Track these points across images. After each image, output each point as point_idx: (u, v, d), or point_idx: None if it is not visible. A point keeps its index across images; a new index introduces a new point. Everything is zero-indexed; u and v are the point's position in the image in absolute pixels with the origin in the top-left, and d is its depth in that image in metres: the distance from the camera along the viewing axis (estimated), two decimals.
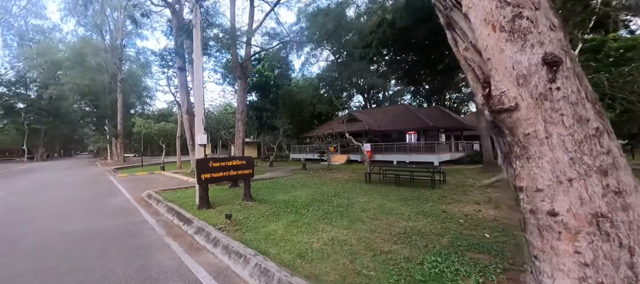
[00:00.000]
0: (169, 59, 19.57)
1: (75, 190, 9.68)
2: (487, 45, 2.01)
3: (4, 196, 8.87)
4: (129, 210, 6.32)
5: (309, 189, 8.57)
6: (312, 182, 10.20)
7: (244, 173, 6.68)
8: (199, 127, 6.41)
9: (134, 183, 11.41)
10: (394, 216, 5.24)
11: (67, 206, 6.87)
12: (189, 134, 14.71)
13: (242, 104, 15.47)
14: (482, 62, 2.13)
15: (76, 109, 43.67)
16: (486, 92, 2.17)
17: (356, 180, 10.89)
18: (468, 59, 2.20)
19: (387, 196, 7.27)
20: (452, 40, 2.37)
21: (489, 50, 2.00)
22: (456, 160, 19.24)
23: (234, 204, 6.43)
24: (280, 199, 6.98)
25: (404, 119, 23.28)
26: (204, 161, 5.97)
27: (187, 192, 8.15)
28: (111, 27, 31.00)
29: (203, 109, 6.51)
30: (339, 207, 5.99)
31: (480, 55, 2.12)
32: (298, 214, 5.40)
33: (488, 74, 2.08)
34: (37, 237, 4.34)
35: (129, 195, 8.44)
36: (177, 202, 6.64)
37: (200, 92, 6.47)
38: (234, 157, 6.55)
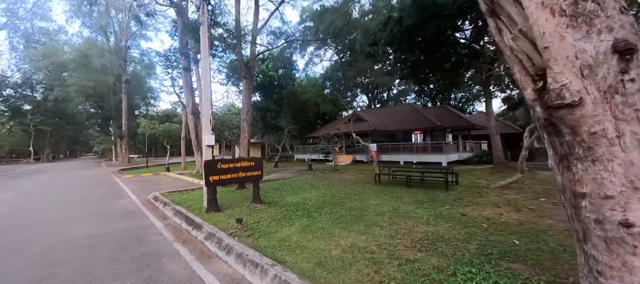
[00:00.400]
0: (173, 59, 19.47)
1: (81, 192, 9.55)
2: (543, 32, 1.76)
3: (11, 197, 8.77)
4: (135, 213, 6.15)
5: (318, 191, 8.34)
6: (320, 184, 9.97)
7: (252, 175, 6.47)
8: (207, 128, 6.22)
9: (140, 185, 11.27)
10: (411, 220, 4.98)
11: (73, 209, 6.71)
12: (194, 134, 14.58)
13: (248, 104, 15.28)
14: (533, 52, 1.88)
15: (81, 111, 43.96)
16: (539, 85, 1.91)
17: (365, 181, 10.64)
18: (515, 49, 1.96)
19: (401, 198, 7.01)
20: (496, 29, 2.12)
21: (546, 37, 1.74)
22: (464, 160, 18.89)
23: (242, 207, 6.22)
24: (290, 202, 6.76)
25: (410, 118, 22.97)
26: (212, 163, 5.77)
27: (193, 195, 7.96)
28: (116, 28, 31.09)
29: (211, 108, 6.31)
30: (352, 211, 5.75)
31: (532, 44, 1.87)
32: (311, 218, 5.17)
33: (542, 65, 1.83)
34: (41, 244, 4.16)
35: (135, 197, 8.28)
36: (185, 204, 6.45)
37: (208, 91, 6.27)
38: (243, 159, 6.34)
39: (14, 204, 7.60)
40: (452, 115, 22.17)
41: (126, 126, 29.07)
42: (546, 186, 8.48)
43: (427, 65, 17.41)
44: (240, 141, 15.18)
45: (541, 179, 10.07)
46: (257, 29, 15.32)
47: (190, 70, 14.88)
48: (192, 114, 14.63)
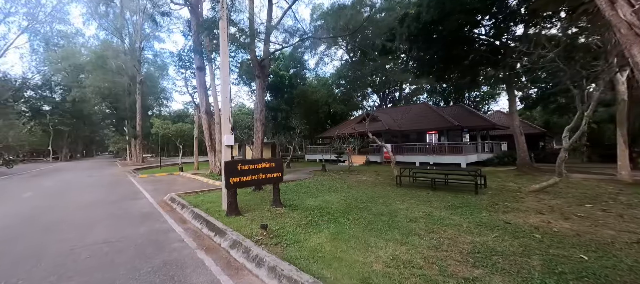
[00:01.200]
0: (186, 59, 19.52)
1: (98, 192, 9.49)
2: None
3: (30, 196, 8.77)
4: (152, 216, 5.92)
5: (339, 194, 7.95)
6: (338, 186, 9.57)
7: (273, 177, 6.14)
8: (226, 127, 5.93)
9: (155, 185, 11.17)
10: (450, 228, 4.53)
11: (91, 211, 6.56)
12: (207, 134, 14.46)
13: (261, 103, 15.05)
14: None
15: (97, 111, 45.12)
16: None
17: (384, 183, 10.18)
18: (635, 25, 1.51)
19: (429, 203, 6.54)
20: (607, 3, 1.68)
21: None
22: (484, 161, 18.10)
23: (262, 210, 5.90)
24: (312, 205, 6.40)
25: (425, 118, 22.28)
26: (232, 164, 5.47)
27: (210, 196, 7.72)
28: (130, 30, 31.62)
29: (230, 106, 6.03)
30: (382, 216, 5.33)
31: None
32: (338, 224, 4.79)
33: None
34: (59, 250, 3.94)
35: (151, 198, 8.11)
36: (203, 207, 6.19)
37: (227, 88, 5.98)
38: (263, 160, 6.03)
39: (32, 204, 7.55)
40: (470, 114, 21.35)
41: (140, 126, 29.49)
42: (585, 190, 7.81)
43: (445, 62, 16.76)
44: (254, 141, 14.96)
45: (576, 183, 9.35)
46: (270, 27, 15.08)
47: (204, 69, 14.77)
48: (206, 113, 14.51)
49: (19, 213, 6.43)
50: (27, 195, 9.02)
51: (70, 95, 37.09)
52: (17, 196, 9.01)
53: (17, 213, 6.51)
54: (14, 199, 8.51)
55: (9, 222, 5.63)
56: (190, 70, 20.05)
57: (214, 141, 14.37)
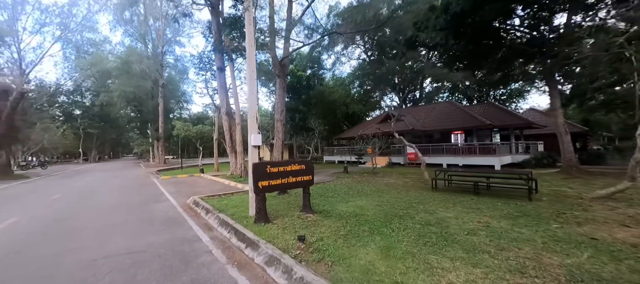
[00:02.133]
0: (206, 61, 19.62)
1: (122, 194, 9.41)
2: None
3: (58, 198, 8.83)
4: (176, 221, 5.55)
5: (371, 199, 7.28)
6: (366, 189, 8.90)
7: (303, 180, 5.60)
8: (253, 126, 5.46)
9: (177, 187, 11.03)
10: (522, 243, 3.75)
11: (114, 214, 6.34)
12: (228, 136, 14.26)
13: (282, 103, 14.67)
14: None
15: (123, 115, 47.13)
16: None
17: (416, 187, 9.37)
18: None
19: (479, 210, 5.73)
20: None
21: None
22: (520, 163, 16.67)
23: (292, 216, 5.37)
24: (345, 212, 5.79)
25: (450, 117, 21.03)
26: (261, 166, 4.98)
27: (234, 200, 7.32)
28: (153, 36, 32.64)
29: (256, 103, 5.56)
30: (430, 226, 4.63)
31: None
32: (383, 236, 4.14)
33: None
34: (80, 261, 3.60)
35: (174, 201, 7.84)
36: (228, 212, 5.76)
37: (254, 84, 5.52)
38: (293, 161, 5.50)
39: (60, 207, 7.50)
40: (501, 112, 19.86)
41: (162, 128, 30.24)
42: None
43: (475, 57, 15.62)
44: (274, 142, 14.59)
45: None
46: (290, 25, 14.70)
47: (224, 69, 14.60)
48: (226, 114, 14.32)
49: (46, 217, 6.32)
50: (56, 196, 9.08)
51: (99, 99, 38.89)
52: (47, 197, 9.10)
53: (45, 216, 6.41)
54: (44, 200, 8.56)
55: (35, 227, 5.47)
56: (210, 71, 20.14)
57: (235, 142, 14.14)
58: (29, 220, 5.93)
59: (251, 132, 5.47)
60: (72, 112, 47.31)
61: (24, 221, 5.85)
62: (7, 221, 5.84)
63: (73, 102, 47.04)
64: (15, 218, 6.20)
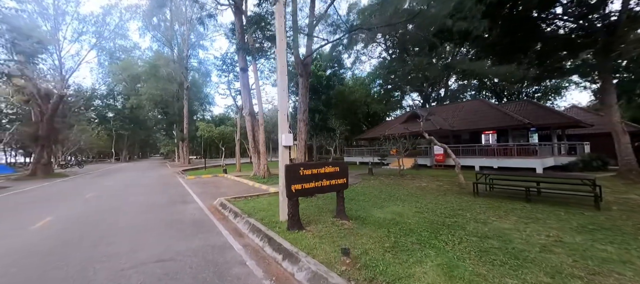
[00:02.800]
0: (229, 62, 19.84)
1: (151, 194, 9.50)
2: None
3: (91, 197, 9.07)
4: (204, 225, 5.32)
5: (407, 204, 6.68)
6: (399, 193, 8.27)
7: (337, 183, 5.15)
8: (284, 125, 5.10)
9: (203, 187, 11.03)
10: (620, 267, 3.04)
11: (143, 215, 6.27)
12: (251, 136, 14.18)
13: (304, 103, 14.34)
14: None
15: (151, 117, 49.53)
16: None
17: (454, 191, 8.60)
18: None
19: (541, 221, 4.96)
20: None
21: None
22: (565, 166, 15.12)
23: (325, 223, 4.93)
24: (382, 218, 5.27)
25: (481, 116, 19.68)
26: (293, 168, 4.60)
27: (260, 202, 7.03)
28: (178, 40, 33.90)
29: (287, 100, 5.20)
30: (489, 240, 3.99)
31: None
32: (437, 250, 3.58)
33: None
34: (108, 269, 3.39)
35: (201, 202, 7.71)
36: (257, 215, 5.45)
37: (284, 81, 5.17)
38: (326, 163, 5.07)
39: (92, 206, 7.62)
40: (541, 110, 18.22)
41: (187, 129, 31.20)
42: None
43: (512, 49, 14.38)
44: (297, 142, 14.29)
45: None
46: (313, 22, 14.35)
47: (247, 70, 14.55)
48: (249, 115, 14.25)
49: (79, 216, 6.38)
50: (89, 195, 9.35)
51: (129, 102, 41.00)
52: (81, 195, 9.39)
53: (78, 215, 6.47)
54: (78, 199, 8.81)
55: (68, 227, 5.48)
56: (232, 73, 20.35)
57: (258, 143, 14.02)
58: (64, 219, 5.98)
59: (282, 132, 5.11)
60: (105, 114, 50.46)
61: (59, 220, 5.91)
62: (43, 220, 5.93)
63: (106, 106, 50.16)
64: (51, 216, 6.31)
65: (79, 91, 42.14)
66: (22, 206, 8.04)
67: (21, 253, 4.01)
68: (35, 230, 5.16)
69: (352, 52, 36.20)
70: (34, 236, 4.79)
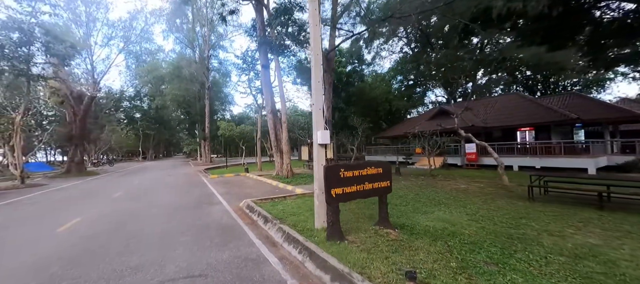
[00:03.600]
0: (249, 61, 19.66)
1: (176, 194, 9.37)
2: None
3: (118, 197, 9.07)
4: (234, 231, 4.89)
5: (454, 210, 5.89)
6: (438, 197, 7.46)
7: (380, 187, 4.50)
8: (319, 121, 4.54)
9: (226, 187, 10.79)
10: None
11: (169, 219, 5.99)
12: (273, 134, 13.81)
13: (328, 100, 13.80)
14: None
15: (174, 117, 51.29)
16: None
17: (500, 194, 7.65)
18: None
19: (635, 236, 4.02)
20: None
21: None
22: (621, 166, 13.38)
23: (367, 231, 4.32)
24: (431, 227, 4.56)
25: (517, 111, 18.06)
26: (334, 170, 4.01)
27: (289, 205, 6.54)
28: (200, 41, 34.61)
29: (323, 91, 4.62)
30: (582, 260, 3.18)
31: None
32: (523, 275, 2.84)
33: None
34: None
35: (227, 204, 7.37)
36: (289, 221, 4.94)
37: (319, 71, 4.59)
38: (368, 164, 4.45)
39: (118, 207, 7.52)
40: (590, 103, 16.33)
41: (208, 128, 31.76)
42: None
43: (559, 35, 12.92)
44: None
45: None
46: (336, 15, 13.74)
47: (269, 67, 14.19)
48: (271, 113, 13.88)
49: (107, 218, 6.23)
50: (116, 195, 9.38)
51: (154, 103, 42.52)
52: (108, 196, 9.42)
53: (104, 218, 6.33)
54: (106, 200, 8.81)
55: (96, 230, 5.28)
56: (253, 71, 20.17)
57: (280, 141, 13.63)
58: (90, 223, 5.83)
59: (317, 128, 4.54)
60: (133, 115, 52.91)
61: (85, 223, 5.75)
62: (71, 222, 5.81)
63: (134, 107, 52.54)
64: (79, 217, 6.20)
65: (109, 93, 44.48)
66: (55, 204, 8.15)
67: (45, 260, 3.77)
68: (62, 235, 4.97)
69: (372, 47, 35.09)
70: (59, 242, 4.59)
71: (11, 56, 12.61)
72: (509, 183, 9.20)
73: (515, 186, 8.96)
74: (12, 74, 12.93)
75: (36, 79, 13.59)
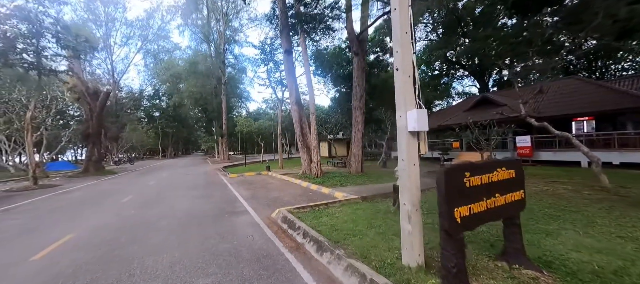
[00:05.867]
0: (268, 50, 18.20)
1: (194, 199, 8.01)
2: None
3: (127, 202, 7.85)
4: (275, 265, 3.30)
5: (579, 226, 4.02)
6: (537, 205, 5.55)
7: (513, 200, 2.74)
8: (408, 95, 2.81)
9: (250, 188, 9.35)
10: None
11: (186, 238, 4.54)
12: (298, 128, 12.23)
13: (361, 87, 11.98)
14: None
15: (192, 116, 51.35)
16: None
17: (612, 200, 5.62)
18: None
19: None
20: None
21: None
22: None
23: (495, 273, 2.59)
24: (587, 262, 2.76)
25: (581, 97, 15.40)
26: (456, 175, 2.30)
27: (337, 216, 4.91)
28: (215, 36, 33.76)
29: (412, 49, 2.88)
30: None
31: None
32: None
33: None
34: None
35: (255, 213, 5.85)
36: (355, 250, 3.30)
37: (406, 14, 2.86)
38: (498, 163, 2.71)
39: (126, 216, 6.22)
40: None
41: (225, 125, 30.89)
42: None
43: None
44: (353, 135, 12.02)
45: None
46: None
47: (292, 51, 12.58)
48: (296, 104, 12.30)
49: (100, 237, 4.87)
50: (126, 199, 8.15)
51: (172, 100, 42.41)
52: (117, 200, 8.21)
53: (100, 234, 4.98)
54: (112, 206, 7.59)
55: (75, 266, 3.87)
56: (272, 61, 18.70)
57: (307, 136, 12.04)
58: (82, 242, 4.47)
59: (406, 106, 2.82)
60: (152, 114, 53.52)
61: (75, 244, 4.39)
62: (59, 240, 4.49)
63: (153, 106, 53.09)
64: (72, 234, 4.88)
65: (129, 92, 44.93)
66: (53, 212, 7.01)
67: None
68: (33, 266, 3.56)
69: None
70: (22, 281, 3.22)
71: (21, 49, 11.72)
72: (608, 184, 7.08)
73: (617, 187, 6.88)
74: (22, 67, 12.06)
75: (47, 73, 12.71)
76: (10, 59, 11.46)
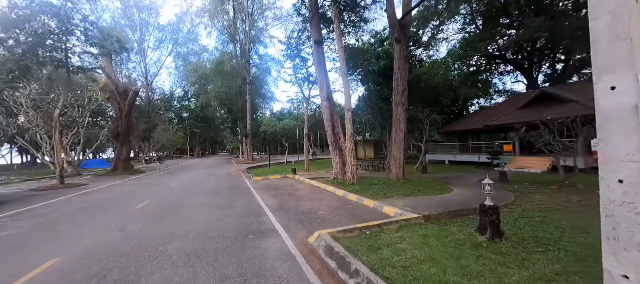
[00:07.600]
0: (294, 43, 17.06)
1: (213, 207, 6.95)
2: None
3: (142, 208, 6.96)
4: None
5: None
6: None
7: None
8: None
9: (276, 196, 8.12)
10: None
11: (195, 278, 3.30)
12: (329, 127, 10.83)
13: (403, 80, 10.29)
14: None
15: (218, 117, 52.39)
16: None
17: None
18: None
19: None
20: None
21: None
22: None
23: None
24: None
25: None
26: None
27: (396, 244, 3.42)
28: (241, 36, 33.72)
29: None
30: None
31: None
32: None
33: None
34: None
35: (284, 232, 4.53)
36: None
37: None
38: None
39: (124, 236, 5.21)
40: None
41: (250, 125, 30.54)
42: None
43: None
44: (393, 135, 10.35)
45: None
46: None
47: (322, 43, 11.24)
48: (327, 100, 10.92)
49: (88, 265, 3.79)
50: (139, 206, 7.26)
51: (199, 101, 43.32)
52: (130, 207, 7.36)
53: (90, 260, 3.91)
54: (121, 215, 6.71)
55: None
56: (299, 57, 17.56)
57: (339, 136, 10.61)
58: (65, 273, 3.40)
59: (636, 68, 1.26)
60: (182, 114, 55.48)
61: (61, 270, 3.34)
62: (39, 267, 3.47)
63: (182, 107, 55.01)
64: (62, 255, 3.88)
65: (161, 94, 46.74)
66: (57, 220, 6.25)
67: None
68: None
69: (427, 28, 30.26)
70: None
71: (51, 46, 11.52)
72: None
73: None
74: (51, 65, 11.89)
75: (76, 71, 12.51)
76: (40, 56, 11.28)
